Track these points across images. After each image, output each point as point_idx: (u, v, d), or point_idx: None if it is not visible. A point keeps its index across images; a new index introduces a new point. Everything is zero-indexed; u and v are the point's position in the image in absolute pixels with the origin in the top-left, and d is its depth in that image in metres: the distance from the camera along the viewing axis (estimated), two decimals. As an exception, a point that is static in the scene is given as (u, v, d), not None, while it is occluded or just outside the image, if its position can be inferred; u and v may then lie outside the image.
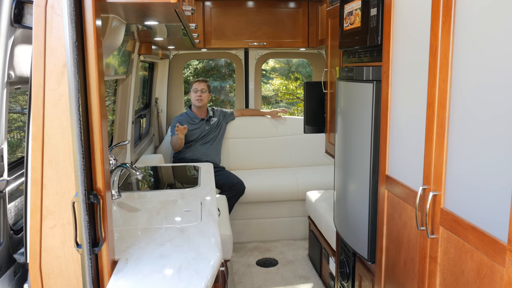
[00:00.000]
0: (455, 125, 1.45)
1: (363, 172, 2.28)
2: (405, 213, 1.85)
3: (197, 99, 4.38)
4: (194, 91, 4.40)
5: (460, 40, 1.41)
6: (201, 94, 4.39)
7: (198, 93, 4.38)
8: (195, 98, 4.39)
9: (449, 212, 1.49)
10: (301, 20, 4.45)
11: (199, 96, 4.38)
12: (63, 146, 1.37)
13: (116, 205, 2.13)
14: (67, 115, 1.36)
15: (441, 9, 1.50)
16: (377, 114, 2.14)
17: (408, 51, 1.82)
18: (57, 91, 1.35)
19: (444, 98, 1.50)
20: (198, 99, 4.39)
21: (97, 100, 1.32)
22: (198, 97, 4.38)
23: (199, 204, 2.11)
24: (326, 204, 3.51)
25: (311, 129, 3.56)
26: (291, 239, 4.37)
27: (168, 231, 1.75)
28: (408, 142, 1.83)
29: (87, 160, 1.33)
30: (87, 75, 1.32)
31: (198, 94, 4.38)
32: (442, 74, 1.51)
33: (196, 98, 4.39)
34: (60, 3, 1.30)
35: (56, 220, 1.41)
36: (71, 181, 1.39)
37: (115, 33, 1.84)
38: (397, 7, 1.90)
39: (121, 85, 3.18)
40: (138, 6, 1.53)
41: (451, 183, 1.49)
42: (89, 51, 1.31)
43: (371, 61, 2.26)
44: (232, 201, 4.10)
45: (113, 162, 2.15)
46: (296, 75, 8.94)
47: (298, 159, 4.88)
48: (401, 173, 1.89)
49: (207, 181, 2.55)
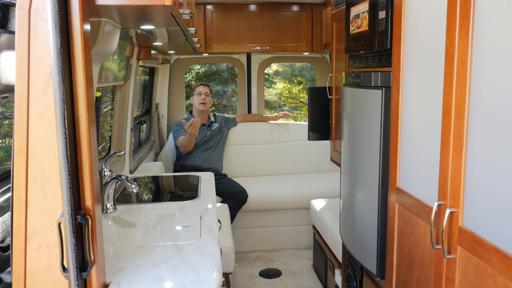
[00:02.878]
0: (475, 135, 1.34)
1: (371, 183, 2.16)
2: (418, 229, 1.73)
3: (201, 103, 4.27)
4: (198, 94, 4.28)
5: (480, 44, 1.30)
6: (205, 98, 4.28)
7: (202, 96, 4.27)
8: (199, 101, 4.27)
9: (468, 231, 1.37)
10: (304, 23, 4.35)
11: (203, 100, 4.27)
12: (49, 161, 1.27)
13: (111, 220, 2.02)
14: (53, 128, 1.25)
15: (458, 12, 1.39)
16: (387, 122, 2.02)
17: (420, 56, 1.70)
18: (42, 102, 1.24)
19: (462, 107, 1.38)
20: (202, 102, 4.27)
21: (85, 111, 1.21)
22: (202, 100, 4.27)
23: (199, 218, 1.99)
24: (332, 213, 3.39)
25: (316, 136, 3.45)
26: (295, 249, 4.25)
27: (165, 250, 1.63)
28: (420, 153, 1.71)
29: (74, 176, 1.22)
30: (74, 84, 1.21)
31: (202, 98, 4.27)
32: (459, 82, 1.39)
33: (199, 101, 4.27)
34: (45, 6, 1.19)
35: (42, 241, 1.30)
36: (58, 199, 1.28)
37: (109, 38, 1.74)
38: (408, 10, 1.79)
39: (119, 91, 3.08)
40: (130, 9, 1.43)
41: (471, 199, 1.37)
42: (76, 58, 1.20)
43: (379, 66, 2.15)
44: (234, 210, 3.99)
45: (108, 174, 2.05)
46: (299, 78, 8.84)
47: (302, 166, 4.76)
48: (414, 186, 1.78)
49: (207, 192, 2.44)
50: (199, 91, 4.28)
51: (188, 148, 4.07)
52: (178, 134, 4.15)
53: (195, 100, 4.30)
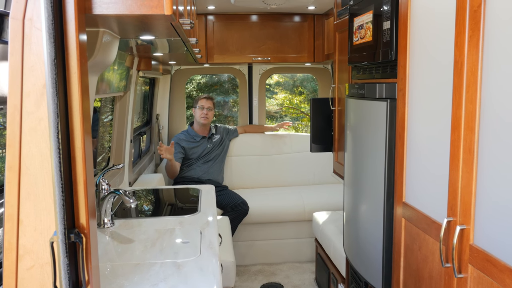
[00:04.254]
0: (487, 148, 1.28)
1: (376, 196, 2.10)
2: (426, 246, 1.67)
3: (203, 117, 4.22)
4: (200, 108, 4.23)
5: (492, 54, 1.25)
6: (207, 112, 4.23)
7: (204, 111, 4.22)
8: (201, 115, 4.22)
9: (480, 250, 1.31)
10: (306, 34, 4.32)
11: (205, 114, 4.23)
12: (42, 176, 1.21)
13: (108, 235, 1.96)
14: (47, 142, 1.20)
15: (467, 22, 1.35)
16: (392, 134, 1.97)
17: (426, 67, 1.66)
18: (35, 115, 1.19)
19: (472, 120, 1.33)
20: (204, 116, 4.22)
21: (79, 125, 1.16)
22: (204, 115, 4.22)
23: (199, 233, 1.93)
24: (334, 226, 3.32)
25: (318, 147, 3.39)
26: (297, 262, 4.17)
27: (163, 268, 1.57)
28: (428, 167, 1.66)
29: (68, 193, 1.17)
30: (69, 96, 1.16)
31: (204, 112, 4.22)
32: (469, 94, 1.34)
33: (202, 115, 4.22)
34: (40, 15, 1.15)
35: (34, 261, 1.24)
36: (51, 216, 1.22)
37: (107, 49, 1.69)
38: (414, 20, 1.75)
39: (118, 102, 3.03)
40: (129, 19, 1.38)
41: (482, 215, 1.32)
42: (71, 69, 1.15)
43: (384, 77, 2.10)
44: (235, 222, 3.92)
45: (106, 188, 1.99)
46: (300, 89, 8.81)
47: (304, 177, 4.70)
48: (421, 200, 1.72)
49: (207, 206, 2.38)
50: (202, 105, 4.23)
51: (172, 175, 4.06)
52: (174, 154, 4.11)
53: (197, 113, 4.25)
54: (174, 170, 4.03)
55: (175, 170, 4.03)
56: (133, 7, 1.25)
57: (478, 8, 1.28)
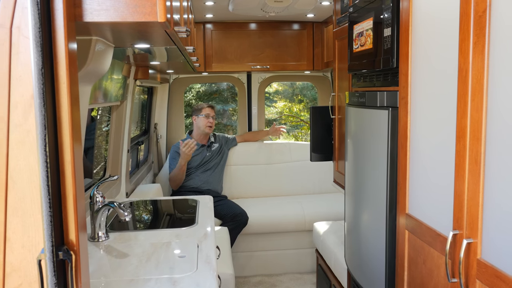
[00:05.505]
0: (495, 158, 1.23)
1: (378, 207, 2.05)
2: (431, 259, 1.61)
3: (209, 126, 4.19)
4: (206, 117, 4.18)
5: (498, 61, 1.20)
6: (212, 121, 4.20)
7: (210, 119, 4.18)
8: (207, 124, 4.18)
9: (488, 265, 1.25)
10: (305, 42, 4.29)
11: (211, 123, 4.19)
12: (30, 191, 1.16)
13: (103, 249, 1.90)
14: (35, 155, 1.14)
15: (471, 28, 1.30)
16: (394, 143, 1.92)
17: (429, 74, 1.61)
18: (23, 127, 1.14)
19: (478, 129, 1.28)
20: (209, 125, 4.19)
21: (69, 137, 1.11)
22: (210, 124, 4.19)
23: (196, 247, 1.87)
24: (336, 237, 3.26)
25: (318, 156, 3.34)
26: (297, 273, 4.10)
27: (159, 284, 1.51)
28: (432, 178, 1.60)
29: (57, 208, 1.11)
30: (58, 107, 1.11)
31: (209, 121, 4.18)
32: (475, 102, 1.29)
33: (208, 124, 4.18)
34: (28, 23, 1.10)
35: (22, 279, 1.19)
36: (40, 232, 1.17)
37: (100, 58, 1.65)
38: (415, 27, 1.71)
39: (115, 112, 2.98)
40: (122, 26, 1.34)
41: (490, 229, 1.26)
42: (60, 79, 1.10)
43: (385, 85, 2.06)
44: (234, 233, 3.85)
45: (100, 200, 1.93)
46: (300, 97, 8.78)
47: (304, 186, 4.64)
48: (425, 212, 1.66)
49: (205, 218, 2.32)
50: (207, 113, 4.19)
51: (179, 178, 3.98)
52: (174, 163, 4.04)
53: (201, 121, 4.19)
54: (181, 177, 3.98)
55: (182, 177, 3.98)
56: (125, 14, 1.21)
57: (483, 13, 1.24)
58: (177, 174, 3.95)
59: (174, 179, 3.99)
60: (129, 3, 1.21)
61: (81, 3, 1.20)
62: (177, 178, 3.98)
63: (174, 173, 3.97)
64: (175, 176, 3.97)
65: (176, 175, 3.96)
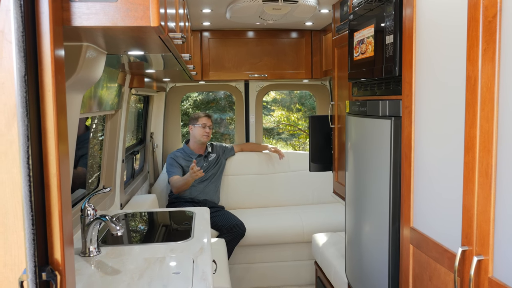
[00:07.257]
0: (507, 172, 1.16)
1: (380, 220, 1.98)
2: (438, 276, 1.54)
3: (205, 135, 4.12)
4: (203, 126, 4.11)
5: (510, 68, 1.14)
6: (209, 131, 4.14)
7: (206, 129, 4.12)
8: (203, 134, 4.11)
9: (501, 284, 1.18)
10: (304, 50, 4.24)
11: (208, 133, 4.13)
12: (13, 206, 1.08)
13: (94, 265, 1.81)
14: (19, 167, 1.07)
15: (480, 34, 1.24)
16: (396, 154, 1.85)
17: (434, 82, 1.55)
18: (6, 137, 1.06)
19: (489, 140, 1.22)
20: (206, 135, 4.12)
21: (54, 149, 1.04)
22: (207, 134, 4.12)
23: (191, 262, 1.79)
24: (335, 249, 3.18)
25: (317, 167, 3.27)
26: (296, 285, 4.00)
27: (151, 303, 1.43)
28: (438, 191, 1.53)
29: (40, 225, 1.04)
30: (43, 116, 1.04)
31: (206, 130, 4.12)
32: (485, 111, 1.23)
33: (204, 134, 4.11)
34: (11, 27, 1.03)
35: (3, 300, 1.11)
36: (23, 250, 1.09)
37: (92, 65, 1.58)
38: (419, 34, 1.65)
39: (109, 121, 2.91)
40: (113, 31, 1.27)
41: (503, 245, 1.19)
42: (46, 87, 1.03)
43: (387, 94, 1.99)
44: (231, 245, 3.76)
45: (92, 213, 1.86)
46: (298, 106, 8.73)
47: (303, 197, 4.56)
48: (431, 226, 1.59)
49: (201, 231, 2.24)
50: (204, 123, 4.12)
51: (182, 190, 3.90)
52: (173, 170, 3.95)
53: (198, 131, 4.12)
54: (185, 188, 3.89)
55: (186, 188, 3.89)
56: (116, 18, 1.14)
57: (493, 18, 1.18)
58: (182, 186, 3.85)
59: (176, 186, 3.88)
60: (120, 7, 1.14)
61: (69, 7, 1.13)
62: (180, 190, 3.90)
63: (178, 184, 3.86)
64: (179, 187, 3.87)
65: (180, 186, 3.86)
